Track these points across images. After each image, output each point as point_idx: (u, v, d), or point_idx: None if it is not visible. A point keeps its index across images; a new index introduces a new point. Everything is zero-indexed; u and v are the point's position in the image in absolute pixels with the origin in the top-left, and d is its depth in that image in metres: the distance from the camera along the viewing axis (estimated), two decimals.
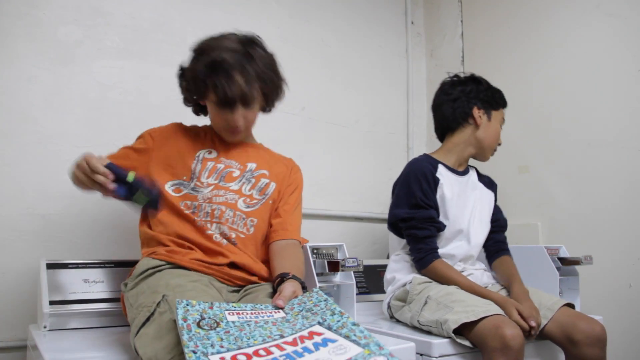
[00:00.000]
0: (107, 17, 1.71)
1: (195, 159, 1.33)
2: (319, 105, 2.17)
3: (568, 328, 1.38)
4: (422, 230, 1.53)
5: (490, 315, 1.29)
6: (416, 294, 1.49)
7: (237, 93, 1.25)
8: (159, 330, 0.99)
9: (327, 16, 2.23)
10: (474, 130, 1.65)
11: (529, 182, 1.97)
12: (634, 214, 1.76)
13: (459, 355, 1.34)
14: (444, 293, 1.43)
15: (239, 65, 1.25)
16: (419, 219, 1.53)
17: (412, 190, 1.56)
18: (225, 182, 1.32)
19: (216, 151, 1.37)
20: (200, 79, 1.27)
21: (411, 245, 1.56)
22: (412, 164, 1.62)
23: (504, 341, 1.22)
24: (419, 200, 1.54)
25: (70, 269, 1.42)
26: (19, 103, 1.56)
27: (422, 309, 1.43)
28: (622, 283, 1.77)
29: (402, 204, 1.57)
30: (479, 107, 1.65)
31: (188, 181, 1.30)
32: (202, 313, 0.97)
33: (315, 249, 1.52)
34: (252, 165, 1.38)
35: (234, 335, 0.92)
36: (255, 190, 1.35)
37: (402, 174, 1.63)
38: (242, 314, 1.01)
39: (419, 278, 1.53)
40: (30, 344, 1.32)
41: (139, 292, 1.14)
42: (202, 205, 1.28)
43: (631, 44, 1.81)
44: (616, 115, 1.84)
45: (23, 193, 1.54)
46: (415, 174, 1.57)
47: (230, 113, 1.29)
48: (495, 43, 2.25)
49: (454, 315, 1.32)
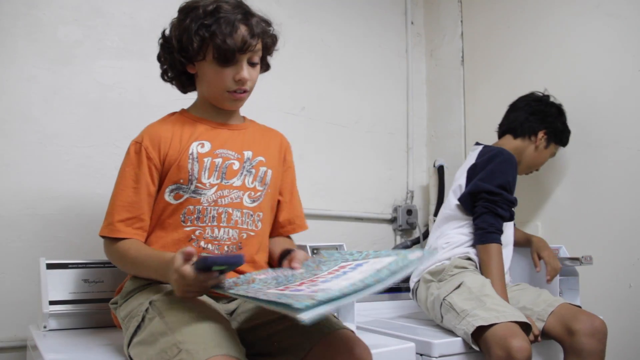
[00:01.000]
0: (107, 17, 1.71)
1: (190, 157, 1.18)
2: (319, 105, 2.17)
3: (568, 320, 1.40)
4: (502, 209, 1.57)
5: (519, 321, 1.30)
6: (450, 275, 1.52)
7: (240, 42, 1.14)
8: (151, 335, 0.98)
9: (327, 16, 2.23)
10: (528, 146, 1.76)
11: (529, 182, 1.97)
12: (634, 214, 1.76)
13: (459, 355, 1.34)
14: (479, 284, 1.44)
15: (241, 13, 1.16)
16: (505, 198, 1.57)
17: (505, 173, 1.61)
18: (227, 179, 1.20)
19: (208, 141, 1.22)
20: (197, 33, 1.13)
21: (483, 217, 1.57)
22: (504, 151, 1.66)
23: (510, 352, 1.23)
24: (508, 184, 1.60)
25: (70, 269, 1.41)
26: (19, 103, 1.56)
27: (454, 291, 1.45)
28: (622, 283, 1.77)
29: (490, 180, 1.60)
30: (545, 133, 1.75)
31: (187, 184, 1.17)
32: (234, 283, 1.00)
33: (315, 249, 1.52)
34: (249, 154, 1.25)
35: (274, 282, 0.94)
36: (257, 182, 1.25)
37: (492, 156, 1.65)
38: (268, 274, 1.03)
39: (458, 261, 1.55)
40: (30, 344, 1.32)
41: (129, 305, 1.12)
42: (207, 209, 1.17)
43: (631, 44, 1.81)
44: (616, 115, 1.84)
45: (23, 193, 1.53)
46: (511, 162, 1.64)
47: (234, 68, 1.17)
48: (495, 43, 2.25)
49: (485, 313, 1.32)
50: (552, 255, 1.68)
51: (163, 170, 1.18)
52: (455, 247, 1.60)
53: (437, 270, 1.56)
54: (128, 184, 1.16)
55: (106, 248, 1.18)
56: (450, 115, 2.40)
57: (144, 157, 1.17)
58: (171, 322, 0.97)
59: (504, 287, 1.49)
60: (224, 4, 1.16)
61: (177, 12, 1.21)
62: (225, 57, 1.14)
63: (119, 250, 1.14)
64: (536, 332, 1.39)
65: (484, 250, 1.53)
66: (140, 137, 1.20)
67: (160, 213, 1.18)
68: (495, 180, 1.59)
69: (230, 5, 1.17)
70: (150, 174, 1.17)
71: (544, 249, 1.70)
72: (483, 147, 1.74)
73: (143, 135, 1.21)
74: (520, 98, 1.84)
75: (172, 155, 1.18)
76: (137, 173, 1.16)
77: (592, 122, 1.89)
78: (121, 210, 1.14)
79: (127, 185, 1.16)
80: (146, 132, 1.21)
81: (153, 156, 1.17)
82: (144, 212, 1.16)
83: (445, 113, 2.43)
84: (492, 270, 1.49)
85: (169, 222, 1.17)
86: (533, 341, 1.36)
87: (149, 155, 1.17)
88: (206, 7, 1.15)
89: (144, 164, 1.17)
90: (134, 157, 1.18)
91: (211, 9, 1.14)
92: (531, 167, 1.82)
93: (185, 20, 1.16)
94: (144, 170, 1.16)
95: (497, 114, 1.91)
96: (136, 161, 1.17)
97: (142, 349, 0.99)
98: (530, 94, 1.84)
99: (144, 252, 1.12)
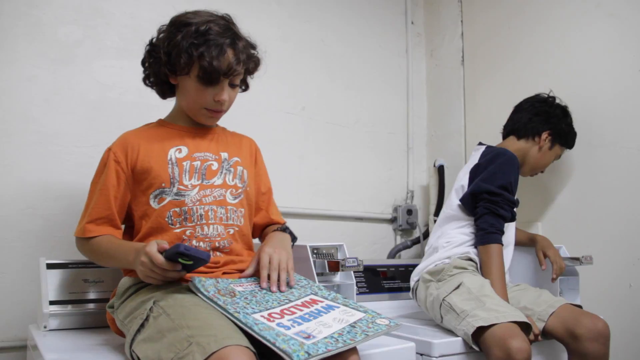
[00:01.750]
0: (107, 17, 1.71)
1: (169, 163, 1.22)
2: (319, 105, 2.17)
3: (570, 323, 1.39)
4: (504, 210, 1.56)
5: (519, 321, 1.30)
6: (450, 275, 1.51)
7: (225, 67, 1.18)
8: (158, 332, 0.99)
9: (327, 16, 2.23)
10: (532, 147, 1.75)
11: (530, 182, 1.97)
12: (634, 214, 1.76)
13: (459, 355, 1.34)
14: (478, 285, 1.44)
15: (229, 38, 1.19)
16: (506, 199, 1.57)
17: (507, 173, 1.60)
18: (208, 179, 1.24)
19: (185, 146, 1.26)
20: (185, 50, 1.17)
21: (485, 218, 1.57)
22: (506, 152, 1.66)
23: (509, 353, 1.23)
24: (509, 185, 1.59)
25: (70, 269, 1.42)
26: (19, 103, 1.56)
27: (453, 292, 1.45)
28: (622, 283, 1.77)
29: (491, 181, 1.60)
30: (549, 134, 1.74)
31: (169, 187, 1.20)
32: (215, 285, 1.09)
33: (315, 249, 1.52)
34: (225, 155, 1.30)
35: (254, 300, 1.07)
36: (237, 179, 1.29)
37: (494, 156, 1.65)
38: (244, 285, 1.13)
39: (457, 261, 1.55)
40: (30, 344, 1.32)
41: (127, 306, 1.14)
42: (192, 209, 1.20)
43: (631, 44, 1.81)
44: (616, 115, 1.84)
45: (23, 193, 1.54)
46: (513, 163, 1.63)
47: (215, 89, 1.21)
48: (495, 43, 2.25)
49: (485, 313, 1.32)
50: (558, 254, 1.69)
51: (134, 175, 1.23)
52: (455, 246, 1.60)
53: (437, 270, 1.56)
54: (97, 187, 1.23)
55: (79, 246, 1.25)
56: (450, 115, 2.40)
57: (112, 161, 1.23)
58: (178, 319, 0.99)
59: (504, 287, 1.49)
60: (215, 25, 1.20)
61: (169, 23, 1.24)
62: (210, 78, 1.19)
63: (91, 245, 1.21)
64: (536, 331, 1.39)
65: (484, 251, 1.53)
66: (113, 144, 1.26)
67: (149, 219, 1.21)
68: (496, 180, 1.59)
69: (220, 28, 1.20)
70: (117, 176, 1.22)
71: (549, 248, 1.70)
72: (486, 148, 1.74)
73: (116, 141, 1.27)
74: (525, 99, 1.84)
75: (144, 160, 1.23)
76: (105, 177, 1.22)
77: (592, 122, 1.89)
78: (91, 212, 1.21)
79: (96, 189, 1.23)
80: (119, 139, 1.27)
81: (120, 159, 1.23)
82: (112, 212, 1.22)
83: (445, 113, 2.43)
84: (493, 271, 1.49)
85: (157, 226, 1.21)
86: (533, 340, 1.36)
87: (116, 159, 1.23)
88: (198, 26, 1.18)
89: (111, 167, 1.22)
90: (103, 163, 1.25)
91: (203, 29, 1.18)
92: (535, 169, 1.81)
93: (176, 35, 1.19)
94: (111, 173, 1.22)
95: (497, 113, 1.91)
96: (104, 166, 1.24)
97: (148, 345, 0.99)
98: (536, 95, 1.83)
99: (116, 242, 1.20)
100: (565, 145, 1.81)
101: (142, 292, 1.14)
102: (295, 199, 2.05)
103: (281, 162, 2.01)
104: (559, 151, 1.80)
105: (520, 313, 1.35)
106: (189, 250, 1.00)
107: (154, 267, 1.03)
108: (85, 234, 1.20)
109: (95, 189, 1.24)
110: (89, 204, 1.23)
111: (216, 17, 1.23)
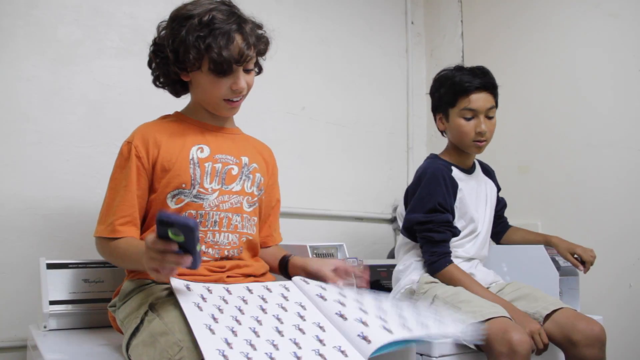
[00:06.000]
0: (107, 17, 1.71)
1: (191, 162, 1.18)
2: (319, 105, 2.17)
3: (567, 329, 1.39)
4: (439, 233, 1.50)
5: (497, 317, 1.29)
6: (423, 293, 1.48)
7: (237, 54, 1.14)
8: (150, 336, 0.99)
9: (327, 16, 2.23)
10: (448, 132, 1.61)
11: (529, 181, 1.97)
12: (634, 214, 1.76)
13: (459, 356, 1.34)
14: (451, 293, 1.42)
15: (235, 23, 1.15)
16: (437, 222, 1.50)
17: (431, 194, 1.52)
18: (227, 184, 1.21)
19: (207, 145, 1.22)
20: (192, 45, 1.12)
21: (425, 249, 1.53)
22: (428, 168, 1.57)
23: (511, 346, 1.22)
24: (437, 205, 1.51)
25: (70, 269, 1.42)
26: (19, 103, 1.56)
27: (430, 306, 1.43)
28: (622, 283, 1.77)
29: (419, 208, 1.53)
30: (440, 114, 1.61)
31: (189, 188, 1.17)
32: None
33: (315, 249, 1.52)
34: (246, 160, 1.27)
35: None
36: (255, 187, 1.27)
37: (418, 178, 1.57)
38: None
39: (427, 277, 1.52)
40: (30, 344, 1.32)
41: (127, 307, 1.13)
42: (209, 214, 1.17)
43: (631, 44, 1.81)
44: (616, 115, 1.84)
45: (23, 193, 1.54)
46: (435, 179, 1.52)
47: (231, 78, 1.17)
48: (495, 43, 2.25)
49: (462, 316, 1.31)
50: (584, 247, 1.62)
51: (155, 172, 1.17)
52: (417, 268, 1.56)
53: (410, 290, 1.53)
54: (121, 184, 1.16)
55: (100, 247, 1.18)
56: None
57: (134, 156, 1.17)
58: (170, 323, 0.97)
59: (480, 286, 1.47)
60: (218, 13, 1.15)
61: (170, 19, 1.19)
62: (223, 69, 1.14)
63: (113, 247, 1.14)
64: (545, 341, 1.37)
65: (441, 277, 1.50)
66: (132, 137, 1.20)
67: None
68: (425, 205, 1.51)
69: (224, 15, 1.15)
70: (137, 172, 1.16)
71: (575, 246, 1.64)
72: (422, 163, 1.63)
73: (135, 134, 1.21)
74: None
75: (165, 158, 1.18)
76: (127, 173, 1.16)
77: (592, 122, 1.89)
78: (118, 211, 1.14)
79: (119, 186, 1.16)
80: (138, 132, 1.21)
81: (142, 155, 1.17)
82: (136, 210, 1.16)
83: None
84: (460, 283, 1.46)
85: None
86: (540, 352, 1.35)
87: (138, 154, 1.17)
88: (201, 17, 1.13)
89: (132, 162, 1.16)
90: (125, 157, 1.18)
91: (207, 19, 1.13)
92: (464, 142, 1.56)
93: (180, 30, 1.14)
94: (132, 169, 1.16)
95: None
96: (126, 161, 1.17)
97: (142, 349, 0.99)
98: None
99: (132, 243, 1.13)
100: (455, 100, 1.54)
101: (142, 294, 1.13)
102: (295, 199, 2.04)
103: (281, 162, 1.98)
104: (458, 108, 1.54)
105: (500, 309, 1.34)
106: (169, 217, 0.90)
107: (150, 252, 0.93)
108: (114, 234, 1.14)
109: (118, 185, 1.17)
110: (111, 202, 1.16)
111: (217, 3, 1.18)
